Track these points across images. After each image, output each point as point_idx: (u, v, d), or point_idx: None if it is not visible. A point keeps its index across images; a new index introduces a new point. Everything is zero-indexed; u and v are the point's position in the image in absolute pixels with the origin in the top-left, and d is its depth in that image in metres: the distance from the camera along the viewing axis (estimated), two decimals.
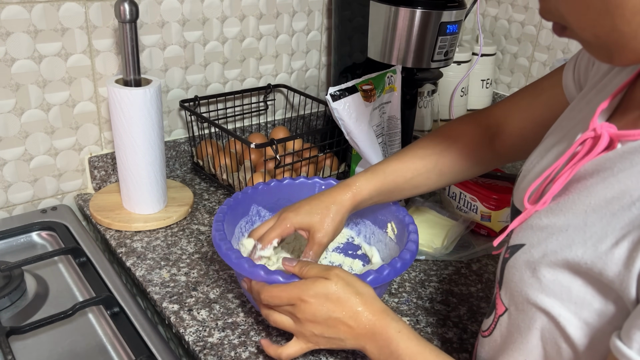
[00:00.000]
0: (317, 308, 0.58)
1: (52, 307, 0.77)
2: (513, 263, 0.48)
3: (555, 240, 0.45)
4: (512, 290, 0.48)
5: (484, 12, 1.56)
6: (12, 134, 0.92)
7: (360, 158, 0.96)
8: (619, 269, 0.39)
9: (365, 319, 0.57)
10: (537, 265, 0.45)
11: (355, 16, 1.07)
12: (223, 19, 1.08)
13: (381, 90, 0.95)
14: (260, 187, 0.82)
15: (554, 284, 0.44)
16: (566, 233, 0.44)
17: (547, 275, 0.44)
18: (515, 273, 0.48)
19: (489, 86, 1.53)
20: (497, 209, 0.95)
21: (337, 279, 0.59)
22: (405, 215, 0.76)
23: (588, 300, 0.42)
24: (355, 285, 0.59)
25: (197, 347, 0.69)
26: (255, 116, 1.21)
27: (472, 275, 0.88)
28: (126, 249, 0.88)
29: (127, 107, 0.86)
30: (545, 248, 0.45)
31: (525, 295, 0.46)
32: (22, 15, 0.86)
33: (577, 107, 0.56)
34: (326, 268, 0.61)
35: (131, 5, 0.83)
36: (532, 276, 0.45)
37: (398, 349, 0.55)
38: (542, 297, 0.44)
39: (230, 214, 0.77)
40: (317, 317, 0.58)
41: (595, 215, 0.42)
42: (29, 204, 0.98)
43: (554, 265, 0.44)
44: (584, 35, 0.42)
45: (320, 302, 0.58)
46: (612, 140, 0.44)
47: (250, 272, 0.64)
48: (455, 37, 1.00)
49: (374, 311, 0.57)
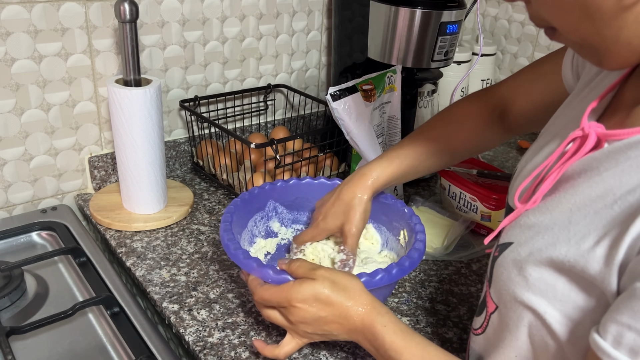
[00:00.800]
0: (306, 310, 0.59)
1: (52, 307, 0.77)
2: (501, 262, 0.49)
3: (541, 238, 0.45)
4: (500, 288, 0.49)
5: (484, 12, 1.56)
6: (12, 134, 0.92)
7: (360, 158, 0.96)
8: (600, 267, 0.39)
9: (354, 314, 0.58)
10: (523, 263, 0.46)
11: (355, 16, 1.07)
12: (223, 19, 1.08)
13: (381, 90, 0.95)
14: (279, 184, 0.84)
15: (539, 282, 0.44)
16: (552, 231, 0.45)
17: (532, 274, 0.45)
18: (503, 272, 0.48)
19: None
20: (497, 209, 0.95)
21: (323, 279, 0.59)
22: (417, 223, 0.76)
23: (572, 297, 0.42)
24: (342, 282, 0.59)
25: (197, 347, 0.69)
26: (255, 116, 1.21)
27: (472, 275, 0.88)
28: (126, 249, 0.88)
29: (127, 107, 0.86)
30: (531, 247, 0.46)
31: (513, 293, 0.47)
32: (22, 15, 0.86)
33: (571, 105, 0.56)
34: (312, 268, 0.61)
35: (131, 5, 0.83)
36: (518, 274, 0.46)
37: (384, 343, 0.55)
38: (529, 295, 0.45)
39: (244, 207, 0.80)
40: (307, 319, 0.59)
41: (580, 213, 0.43)
42: (29, 204, 0.98)
43: (539, 264, 0.44)
44: (572, 38, 0.42)
45: (309, 304, 0.59)
46: (599, 139, 0.45)
47: (245, 265, 0.65)
48: (455, 37, 1.00)
49: (362, 304, 0.58)
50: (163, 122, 0.92)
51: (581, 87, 0.56)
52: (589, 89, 0.54)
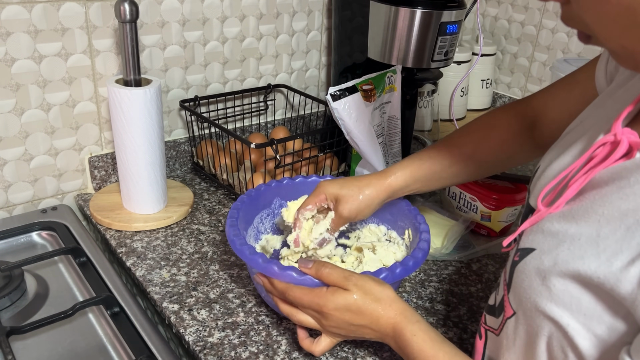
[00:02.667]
0: (339, 318, 0.60)
1: (52, 307, 0.77)
2: (522, 268, 0.48)
3: (567, 249, 0.43)
4: (520, 295, 0.48)
5: (484, 12, 1.56)
6: (12, 134, 0.92)
7: (360, 158, 0.96)
8: (633, 288, 0.38)
9: (385, 323, 0.59)
10: (547, 273, 0.44)
11: (355, 16, 1.07)
12: (223, 19, 1.08)
13: (381, 90, 0.95)
14: (285, 181, 0.86)
15: (563, 294, 0.43)
16: (578, 242, 0.43)
17: (557, 285, 0.43)
18: (524, 279, 0.47)
19: (489, 86, 1.53)
20: (497, 209, 0.95)
21: (356, 288, 0.60)
22: (422, 223, 0.76)
23: (598, 313, 0.41)
24: (374, 292, 0.60)
25: (197, 347, 0.69)
26: (255, 116, 1.22)
27: (472, 275, 0.88)
28: (126, 249, 0.88)
29: (127, 107, 0.86)
30: (556, 256, 0.44)
31: (534, 302, 0.45)
32: (22, 15, 0.86)
33: (602, 105, 0.54)
34: (344, 277, 0.61)
35: (131, 5, 0.83)
36: (541, 284, 0.45)
37: (413, 351, 0.56)
38: (551, 306, 0.44)
39: (250, 204, 0.81)
40: (340, 325, 0.61)
41: (609, 227, 0.41)
42: (29, 204, 0.98)
43: (565, 275, 0.43)
44: (610, 45, 0.40)
45: (341, 313, 0.60)
46: (631, 147, 0.42)
47: (250, 260, 0.66)
48: (455, 37, 1.00)
49: (394, 313, 0.59)
50: (163, 122, 0.92)
51: (615, 88, 0.54)
52: (624, 89, 0.51)
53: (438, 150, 0.75)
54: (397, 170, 0.74)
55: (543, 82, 1.45)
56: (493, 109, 0.78)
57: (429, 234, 0.74)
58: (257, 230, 0.84)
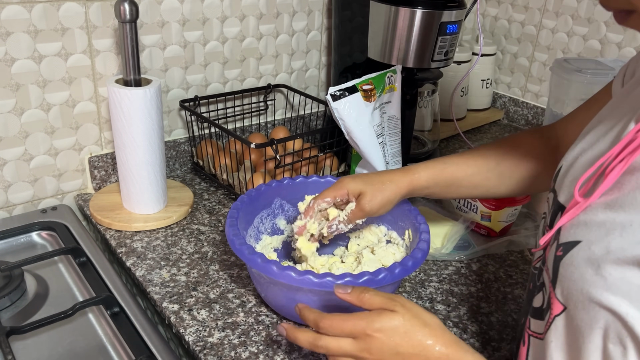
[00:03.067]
0: (384, 342, 0.54)
1: (52, 307, 0.77)
2: (570, 261, 0.47)
3: (619, 236, 0.43)
4: (570, 288, 0.47)
5: (484, 12, 1.56)
6: (12, 134, 0.92)
7: (360, 158, 0.96)
8: None
9: (438, 353, 0.53)
10: (600, 262, 0.44)
11: (355, 16, 1.07)
12: (223, 19, 1.08)
13: (381, 90, 0.95)
14: (286, 181, 0.85)
15: (621, 282, 0.42)
16: (630, 229, 0.42)
17: (613, 273, 0.43)
18: (574, 271, 0.46)
19: (489, 86, 1.53)
20: (497, 209, 0.95)
21: (404, 310, 0.55)
22: (422, 223, 0.77)
23: None
24: (423, 317, 0.55)
25: (197, 347, 0.69)
26: (255, 116, 1.22)
27: (472, 275, 0.88)
28: (126, 249, 0.88)
29: (127, 107, 0.86)
30: (607, 245, 0.44)
31: (587, 293, 0.44)
32: (22, 15, 0.86)
33: (623, 101, 0.54)
34: (389, 298, 0.57)
35: (131, 5, 0.83)
36: (595, 274, 0.44)
37: None
38: (607, 295, 0.43)
39: (250, 204, 0.81)
40: (384, 352, 0.54)
41: None
42: (29, 204, 0.98)
43: (622, 262, 0.42)
44: None
45: (387, 336, 0.54)
46: None
47: (249, 260, 0.66)
48: (455, 37, 1.00)
49: (445, 344, 0.54)
50: (163, 122, 0.92)
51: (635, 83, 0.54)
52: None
53: (462, 158, 0.76)
54: (420, 170, 0.75)
55: (543, 82, 1.45)
56: (519, 132, 0.80)
57: (428, 234, 0.74)
58: (258, 230, 0.84)
